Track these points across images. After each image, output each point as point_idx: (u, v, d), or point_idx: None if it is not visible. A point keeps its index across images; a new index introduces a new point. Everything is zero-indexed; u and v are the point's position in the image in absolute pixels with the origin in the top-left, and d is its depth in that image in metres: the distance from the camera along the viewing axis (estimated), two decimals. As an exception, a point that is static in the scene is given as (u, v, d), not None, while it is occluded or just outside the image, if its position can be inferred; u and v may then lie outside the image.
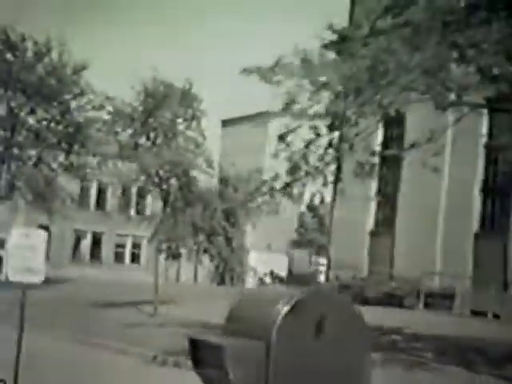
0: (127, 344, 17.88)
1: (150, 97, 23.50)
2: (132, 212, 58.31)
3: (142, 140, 24.96)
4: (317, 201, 66.41)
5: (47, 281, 17.56)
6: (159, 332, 20.25)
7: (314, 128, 12.94)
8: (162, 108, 23.40)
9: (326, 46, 13.36)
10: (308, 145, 12.71)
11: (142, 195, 58.36)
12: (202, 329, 20.34)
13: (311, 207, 65.36)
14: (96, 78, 33.15)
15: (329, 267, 29.23)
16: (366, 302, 23.19)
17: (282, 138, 12.90)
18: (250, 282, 57.22)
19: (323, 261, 49.54)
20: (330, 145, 13.04)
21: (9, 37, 32.56)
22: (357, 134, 13.51)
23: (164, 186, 24.47)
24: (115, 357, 16.93)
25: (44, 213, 37.51)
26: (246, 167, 55.04)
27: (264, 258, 58.64)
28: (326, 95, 13.04)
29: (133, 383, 13.82)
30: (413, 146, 13.45)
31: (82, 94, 33.91)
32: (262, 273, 56.06)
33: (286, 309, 5.24)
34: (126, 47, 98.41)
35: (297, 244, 62.35)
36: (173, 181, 24.14)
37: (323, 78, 12.55)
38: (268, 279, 34.79)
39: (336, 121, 12.36)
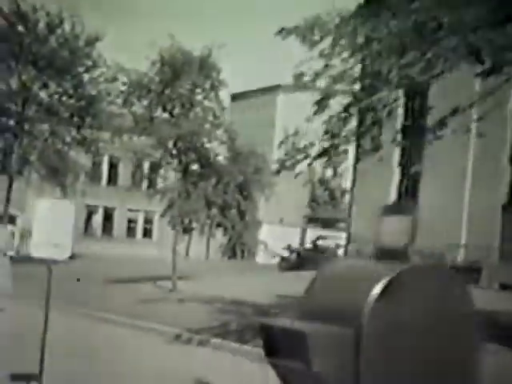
0: (147, 321, 17.10)
1: (166, 66, 22.48)
2: (144, 186, 57.65)
3: (158, 112, 24.05)
4: (329, 173, 65.48)
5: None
6: (180, 308, 19.45)
7: (352, 92, 11.99)
8: (179, 78, 22.39)
9: (363, 6, 12.40)
10: (347, 108, 11.76)
11: (153, 169, 57.62)
12: (224, 305, 19.63)
13: (322, 180, 64.40)
14: (109, 49, 32.16)
15: (348, 241, 28.36)
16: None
17: (319, 102, 11.94)
18: (261, 256, 56.54)
19: (335, 234, 48.79)
20: (368, 109, 12.08)
21: (19, 7, 31.55)
22: (395, 100, 12.59)
23: (182, 158, 23.60)
24: (135, 334, 16.15)
25: (56, 187, 36.72)
26: (258, 141, 54.15)
27: (276, 231, 57.92)
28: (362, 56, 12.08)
29: (156, 363, 13.02)
30: (454, 112, 12.46)
31: (94, 66, 32.94)
32: (274, 247, 55.44)
33: (379, 288, 4.32)
34: (140, 16, 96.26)
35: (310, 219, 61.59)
36: (190, 153, 23.29)
37: (362, 38, 11.59)
38: (286, 253, 33.90)
39: (376, 84, 11.39)
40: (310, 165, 13.02)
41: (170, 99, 23.00)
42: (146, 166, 57.72)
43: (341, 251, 29.43)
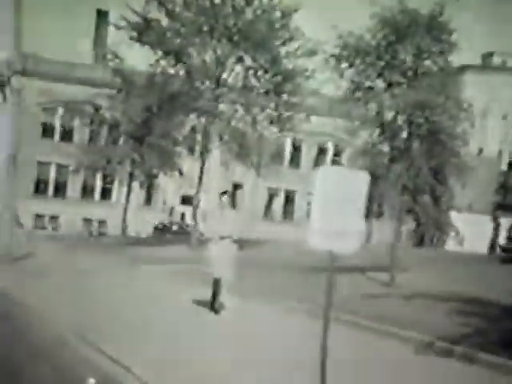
0: (380, 322, 13.82)
1: (388, 27, 19.09)
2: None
3: (372, 81, 20.78)
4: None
5: (239, 241, 13.69)
6: (410, 307, 15.97)
7: None
8: (403, 41, 18.97)
9: None
10: None
11: (337, 153, 54.61)
12: (462, 304, 16.10)
13: (514, 165, 58.76)
14: (308, 20, 29.21)
15: None
16: None
17: None
18: (451, 244, 52.27)
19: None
20: None
21: (216, -24, 29.22)
22: None
23: (402, 135, 20.31)
24: (369, 338, 12.95)
25: (247, 168, 34.57)
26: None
27: (465, 218, 53.36)
28: None
29: (413, 380, 9.90)
30: None
31: (291, 39, 30.08)
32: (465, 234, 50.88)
33: None
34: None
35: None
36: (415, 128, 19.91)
37: None
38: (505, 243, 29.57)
39: None
40: None
41: (390, 66, 19.64)
42: (330, 147, 55.15)
43: None
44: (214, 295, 12.76)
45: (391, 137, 21.00)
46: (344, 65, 20.38)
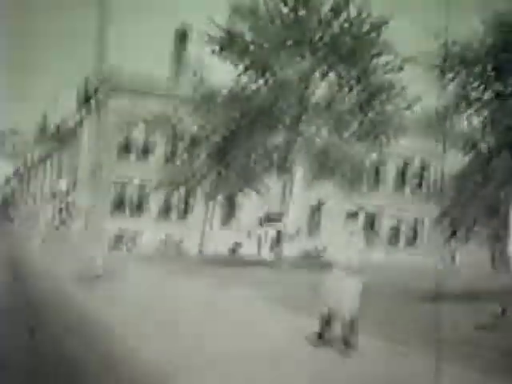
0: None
1: (502, 32, 17.05)
2: (408, 191, 52.11)
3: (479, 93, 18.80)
4: None
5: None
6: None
7: None
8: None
9: None
10: None
11: (423, 168, 51.92)
12: None
13: None
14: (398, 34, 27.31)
15: None
16: None
17: None
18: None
19: None
20: None
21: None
22: None
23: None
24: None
25: (332, 187, 32.82)
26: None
27: None
28: None
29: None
30: None
31: (379, 53, 28.17)
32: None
33: None
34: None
35: None
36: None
37: None
38: None
39: None
40: None
41: (501, 75, 17.61)
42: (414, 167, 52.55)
43: None
44: (323, 328, 10.82)
45: (488, 157, 18.90)
46: (448, 76, 18.45)
